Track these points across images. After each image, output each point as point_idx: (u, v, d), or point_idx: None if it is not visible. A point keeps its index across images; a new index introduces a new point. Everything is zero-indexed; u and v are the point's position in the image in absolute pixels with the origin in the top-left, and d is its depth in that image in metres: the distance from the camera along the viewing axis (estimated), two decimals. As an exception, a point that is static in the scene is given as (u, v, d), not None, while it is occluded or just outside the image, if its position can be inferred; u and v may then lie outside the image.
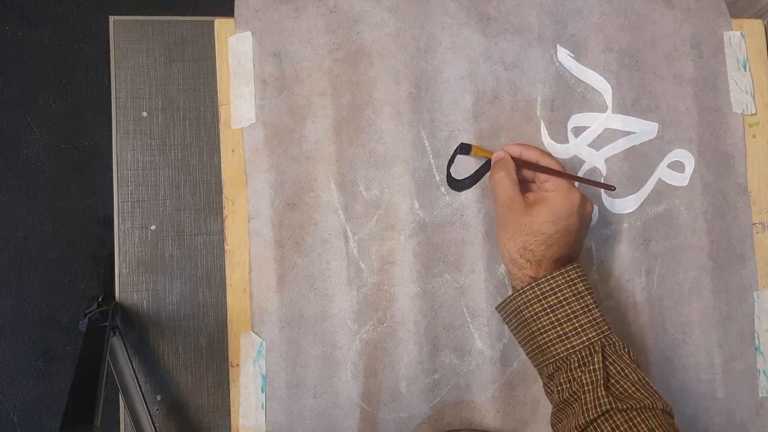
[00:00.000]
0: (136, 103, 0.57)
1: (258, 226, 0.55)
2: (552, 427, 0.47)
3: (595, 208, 0.58)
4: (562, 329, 0.46)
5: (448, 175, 0.57)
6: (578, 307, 0.46)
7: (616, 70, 0.59)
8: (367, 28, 0.57)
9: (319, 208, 0.55)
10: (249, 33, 0.56)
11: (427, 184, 0.57)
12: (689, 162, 0.60)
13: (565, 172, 0.50)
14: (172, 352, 0.56)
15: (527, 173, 0.53)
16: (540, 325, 0.47)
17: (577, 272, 0.47)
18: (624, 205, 0.59)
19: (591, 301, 0.46)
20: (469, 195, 0.57)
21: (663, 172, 0.60)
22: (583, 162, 0.59)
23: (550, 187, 0.50)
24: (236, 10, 0.56)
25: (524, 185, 0.52)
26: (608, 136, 0.59)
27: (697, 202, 0.60)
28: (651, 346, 0.58)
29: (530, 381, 0.56)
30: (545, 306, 0.46)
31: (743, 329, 0.59)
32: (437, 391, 0.55)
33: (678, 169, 0.60)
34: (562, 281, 0.46)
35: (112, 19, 0.57)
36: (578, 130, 0.59)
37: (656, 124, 0.60)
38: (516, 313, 0.49)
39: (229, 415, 0.54)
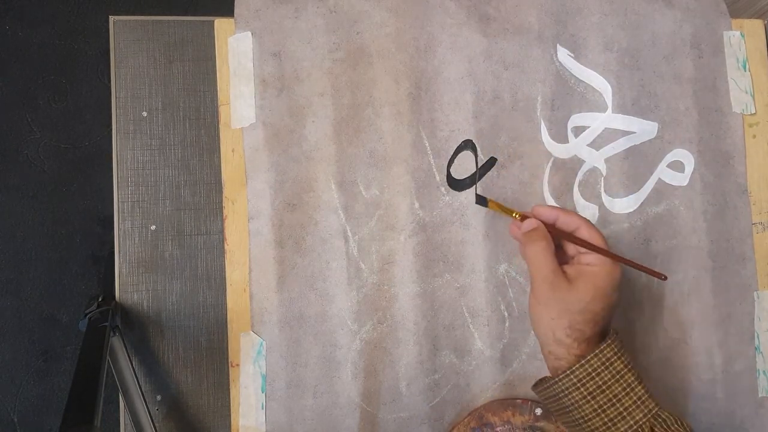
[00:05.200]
0: (136, 103, 0.57)
1: (258, 226, 0.55)
2: None
3: (595, 207, 0.58)
4: (606, 415, 0.43)
5: (448, 175, 0.57)
6: (619, 389, 0.43)
7: (616, 70, 0.59)
8: (367, 28, 0.57)
9: (319, 208, 0.55)
10: (249, 33, 0.56)
11: (427, 184, 0.57)
12: (689, 162, 0.60)
13: (609, 251, 0.46)
14: (172, 352, 0.56)
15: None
16: (583, 413, 0.44)
17: (611, 349, 0.44)
18: (624, 205, 0.59)
19: (632, 378, 0.44)
20: (469, 195, 0.57)
21: (663, 172, 0.60)
22: (582, 162, 0.59)
23: (592, 260, 0.46)
24: (236, 10, 0.56)
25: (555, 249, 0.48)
26: (608, 135, 0.59)
27: (697, 202, 0.60)
28: (651, 346, 0.58)
29: (530, 381, 0.56)
30: (584, 393, 0.44)
31: (743, 329, 0.59)
32: (437, 391, 0.55)
33: (678, 168, 0.60)
34: (598, 363, 0.44)
35: (112, 19, 0.57)
36: (578, 130, 0.59)
37: (656, 124, 0.60)
38: (555, 399, 0.46)
39: (229, 415, 0.54)
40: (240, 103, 0.56)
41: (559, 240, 0.50)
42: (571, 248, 0.49)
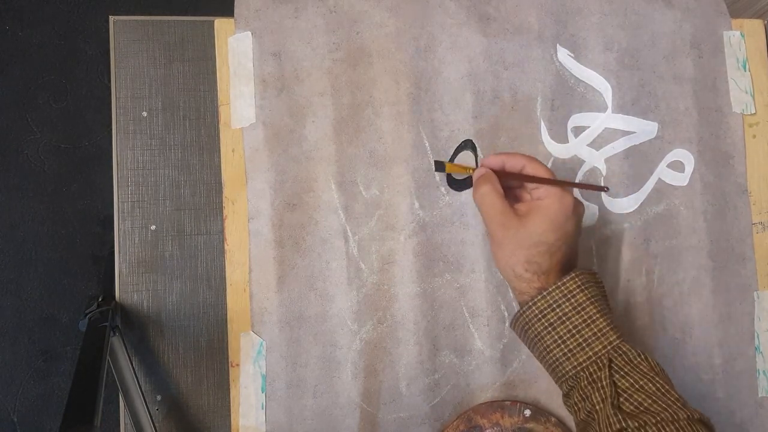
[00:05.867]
0: (136, 103, 0.57)
1: (258, 226, 0.55)
2: None
3: (596, 207, 0.58)
4: (566, 346, 0.44)
5: (448, 175, 0.57)
6: (580, 320, 0.43)
7: (615, 70, 0.59)
8: (367, 28, 0.57)
9: (319, 208, 0.55)
10: (249, 33, 0.56)
11: (427, 184, 0.57)
12: (689, 162, 0.60)
13: (555, 179, 0.47)
14: (172, 352, 0.56)
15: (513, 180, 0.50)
16: (545, 344, 0.45)
17: (574, 282, 0.44)
18: (624, 205, 0.59)
19: (594, 311, 0.44)
20: (469, 195, 0.57)
21: (663, 172, 0.60)
22: (582, 162, 0.59)
23: (542, 194, 0.47)
24: (236, 10, 0.56)
25: (512, 194, 0.49)
26: (608, 135, 0.59)
27: (696, 201, 0.60)
28: (651, 346, 0.58)
29: (530, 381, 0.56)
30: (546, 324, 0.44)
31: (743, 329, 0.59)
32: (437, 391, 0.55)
33: (678, 168, 0.60)
34: (559, 295, 0.44)
35: (112, 19, 0.57)
36: (578, 130, 0.59)
37: (656, 124, 0.60)
38: (523, 332, 0.47)
39: (229, 415, 0.54)
40: (240, 103, 0.56)
41: (512, 183, 0.50)
42: (525, 191, 0.50)
